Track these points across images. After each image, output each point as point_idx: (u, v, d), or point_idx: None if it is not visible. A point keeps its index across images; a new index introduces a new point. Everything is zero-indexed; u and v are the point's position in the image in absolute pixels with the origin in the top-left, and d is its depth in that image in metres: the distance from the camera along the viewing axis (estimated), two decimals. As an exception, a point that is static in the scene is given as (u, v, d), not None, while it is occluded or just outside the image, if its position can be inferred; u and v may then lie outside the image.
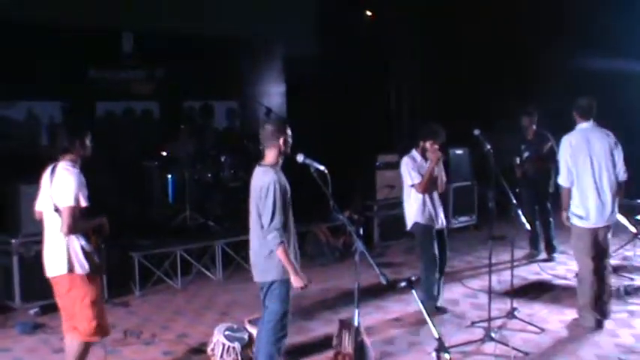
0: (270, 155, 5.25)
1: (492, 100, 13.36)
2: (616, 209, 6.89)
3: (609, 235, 6.97)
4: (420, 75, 13.80)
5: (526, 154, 9.60)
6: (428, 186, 7.11)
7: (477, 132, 7.07)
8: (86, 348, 5.40)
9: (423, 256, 7.29)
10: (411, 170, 7.16)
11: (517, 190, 9.56)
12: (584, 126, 6.93)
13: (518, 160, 9.60)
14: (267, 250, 5.12)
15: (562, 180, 6.92)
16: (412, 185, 7.15)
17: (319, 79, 13.19)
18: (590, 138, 6.84)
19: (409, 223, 7.32)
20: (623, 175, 6.87)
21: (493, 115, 11.80)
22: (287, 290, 5.20)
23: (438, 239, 7.28)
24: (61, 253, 5.13)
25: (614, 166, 6.83)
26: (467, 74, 13.59)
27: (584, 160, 6.79)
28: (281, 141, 5.20)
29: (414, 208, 7.21)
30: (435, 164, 7.05)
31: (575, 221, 6.86)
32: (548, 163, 9.36)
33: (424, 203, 7.15)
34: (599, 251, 6.86)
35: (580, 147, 6.82)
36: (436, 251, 7.21)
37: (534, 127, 9.63)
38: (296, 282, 5.11)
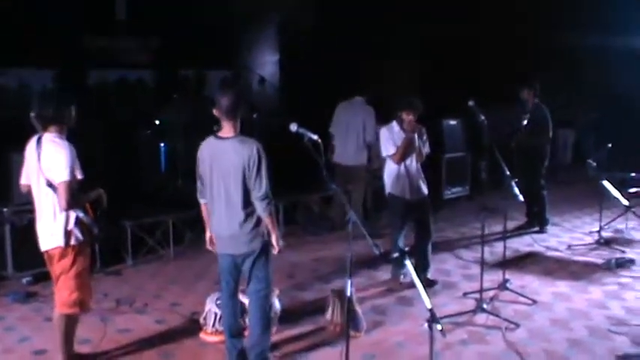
0: (234, 127, 5.00)
1: (486, 72, 13.35)
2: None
3: None
4: (414, 46, 13.71)
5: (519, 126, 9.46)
6: (403, 157, 7.06)
7: (471, 103, 7.02)
8: (70, 320, 5.21)
9: (392, 225, 7.34)
10: (386, 141, 7.12)
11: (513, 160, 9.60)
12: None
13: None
14: (255, 220, 5.03)
15: None
16: (387, 156, 7.15)
17: (314, 48, 13.07)
18: None
19: (386, 193, 7.32)
20: None
21: (487, 86, 11.77)
22: (270, 254, 5.18)
23: (417, 211, 7.21)
24: (58, 227, 4.99)
25: None
26: (462, 45, 13.51)
27: None
28: (242, 112, 5.05)
29: (388, 178, 7.21)
30: (410, 135, 7.00)
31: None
32: (538, 138, 9.34)
33: (398, 174, 7.11)
34: None
35: None
36: (403, 222, 7.19)
37: (536, 100, 9.49)
38: (278, 244, 5.10)
